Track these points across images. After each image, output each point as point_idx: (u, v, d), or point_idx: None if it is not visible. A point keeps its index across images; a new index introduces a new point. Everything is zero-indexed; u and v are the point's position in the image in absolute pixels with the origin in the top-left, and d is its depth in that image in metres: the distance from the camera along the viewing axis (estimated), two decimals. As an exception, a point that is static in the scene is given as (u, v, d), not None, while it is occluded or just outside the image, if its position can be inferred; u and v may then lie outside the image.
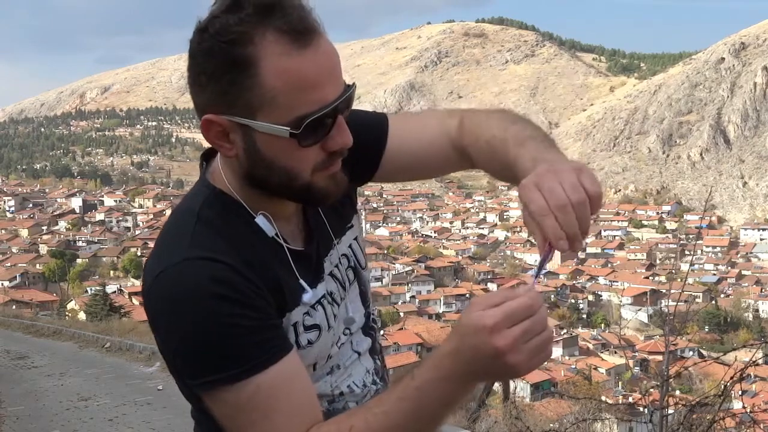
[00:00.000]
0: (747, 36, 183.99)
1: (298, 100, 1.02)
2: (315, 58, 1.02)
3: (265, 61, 1.00)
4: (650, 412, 3.62)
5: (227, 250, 1.06)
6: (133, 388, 8.49)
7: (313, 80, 1.03)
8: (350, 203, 1.31)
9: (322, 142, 1.06)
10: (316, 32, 1.03)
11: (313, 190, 1.10)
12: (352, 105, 1.11)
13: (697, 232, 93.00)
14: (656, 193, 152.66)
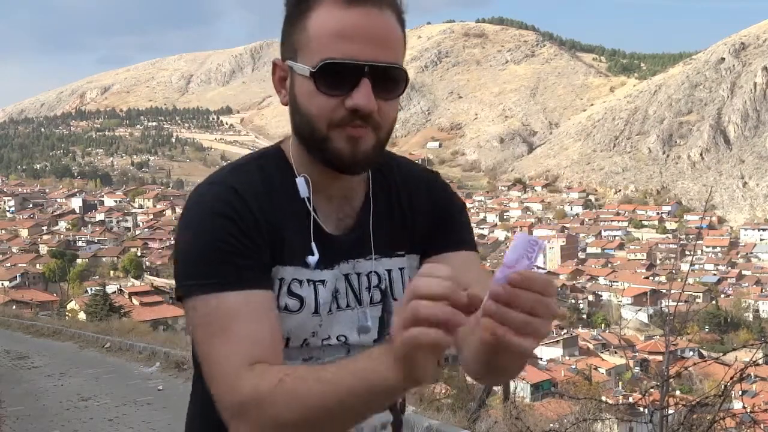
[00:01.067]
0: (747, 36, 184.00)
1: (328, 46, 1.09)
2: (359, 17, 1.10)
3: (317, 10, 1.11)
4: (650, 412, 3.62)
5: (249, 187, 1.17)
6: (133, 388, 8.49)
7: (346, 33, 1.09)
8: (409, 245, 1.29)
9: (343, 97, 1.10)
10: (375, 1, 1.11)
11: (329, 146, 1.13)
12: (392, 86, 1.14)
13: (697, 232, 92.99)
14: (656, 193, 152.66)
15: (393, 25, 1.14)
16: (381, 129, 1.15)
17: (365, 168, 1.19)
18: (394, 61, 1.13)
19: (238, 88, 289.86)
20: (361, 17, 1.10)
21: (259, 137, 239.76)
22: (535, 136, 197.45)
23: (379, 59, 1.11)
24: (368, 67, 1.10)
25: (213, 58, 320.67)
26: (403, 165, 1.33)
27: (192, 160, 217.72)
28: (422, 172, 1.35)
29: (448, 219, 1.29)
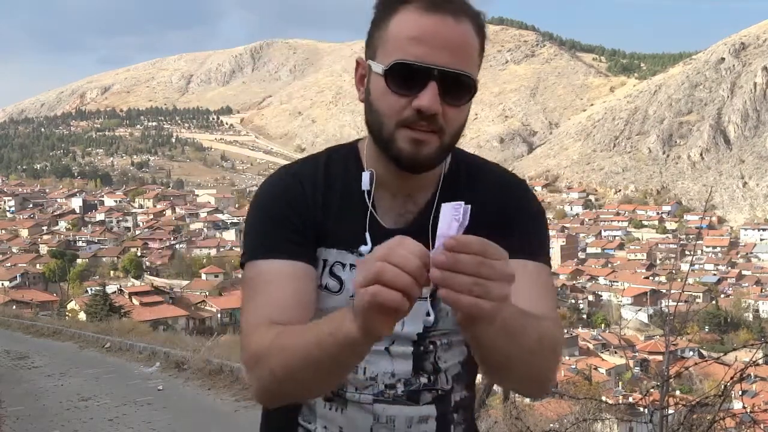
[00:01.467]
0: (747, 36, 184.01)
1: (402, 47, 1.16)
2: (434, 23, 1.16)
3: (399, 14, 1.18)
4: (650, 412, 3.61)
5: (309, 175, 1.30)
6: (133, 388, 8.48)
7: (421, 37, 1.15)
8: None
9: (411, 97, 1.16)
10: (454, 11, 1.17)
11: (394, 145, 1.20)
12: (459, 93, 1.18)
13: (697, 232, 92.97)
14: (656, 193, 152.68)
15: (469, 35, 1.18)
16: (445, 133, 1.20)
17: (426, 169, 1.24)
18: (463, 68, 1.17)
19: (238, 88, 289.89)
20: (437, 24, 1.16)
21: (259, 137, 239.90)
22: (535, 136, 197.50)
23: (448, 65, 1.15)
24: (437, 71, 1.15)
25: (213, 58, 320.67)
26: (482, 168, 1.35)
27: (192, 160, 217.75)
28: (500, 176, 1.35)
29: (512, 225, 1.28)
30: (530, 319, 1.12)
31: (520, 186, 1.36)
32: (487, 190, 1.32)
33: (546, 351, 1.16)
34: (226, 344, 13.63)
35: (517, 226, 1.29)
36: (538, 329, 1.13)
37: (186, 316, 57.31)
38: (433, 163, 1.23)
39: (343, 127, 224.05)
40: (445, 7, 1.17)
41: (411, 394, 1.29)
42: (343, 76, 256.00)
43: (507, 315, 1.02)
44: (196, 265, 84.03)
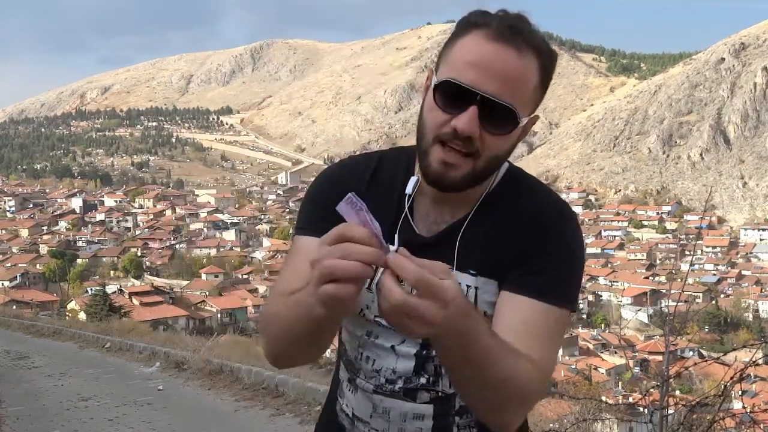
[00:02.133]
0: (747, 36, 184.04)
1: (458, 68, 1.22)
2: (493, 52, 1.21)
3: (468, 37, 1.24)
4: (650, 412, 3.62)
5: (356, 170, 1.41)
6: (133, 389, 8.48)
7: (476, 62, 1.21)
8: (487, 269, 1.32)
9: (452, 115, 1.21)
10: (518, 44, 1.21)
11: (427, 158, 1.26)
12: (500, 122, 1.22)
13: (697, 232, 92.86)
14: (656, 193, 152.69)
15: (525, 69, 1.22)
16: (480, 158, 1.24)
17: (451, 190, 1.27)
18: (507, 100, 1.20)
19: (238, 88, 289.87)
20: (497, 53, 1.20)
21: (259, 137, 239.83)
22: (535, 136, 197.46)
23: (494, 94, 1.19)
24: (480, 97, 1.19)
25: (213, 58, 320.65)
26: (528, 194, 1.35)
27: (192, 160, 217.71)
28: (540, 207, 1.34)
29: (532, 261, 1.29)
30: (500, 355, 1.14)
31: (556, 223, 1.33)
32: (523, 217, 1.32)
33: (508, 393, 1.17)
34: (226, 344, 13.63)
35: (535, 263, 1.29)
36: (507, 369, 1.15)
37: (186, 316, 57.32)
38: (459, 186, 1.26)
39: (343, 127, 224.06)
40: (511, 39, 1.21)
41: (408, 391, 1.35)
42: (343, 76, 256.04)
43: (460, 340, 1.07)
44: (196, 265, 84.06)
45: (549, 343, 1.28)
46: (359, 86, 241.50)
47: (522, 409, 1.25)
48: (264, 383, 7.50)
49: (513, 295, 1.28)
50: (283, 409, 6.64)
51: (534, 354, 1.22)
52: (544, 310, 1.27)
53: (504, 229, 1.32)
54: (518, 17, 1.25)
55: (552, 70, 1.28)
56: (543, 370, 1.24)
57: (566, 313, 1.31)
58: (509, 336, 1.20)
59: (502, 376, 1.15)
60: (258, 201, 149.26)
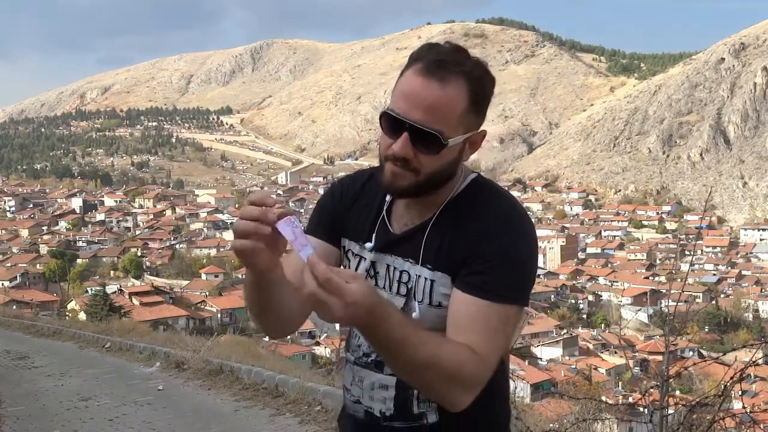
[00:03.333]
0: (747, 36, 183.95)
1: (395, 99, 1.46)
2: (419, 85, 1.44)
3: (408, 71, 1.48)
4: (650, 412, 3.62)
5: (352, 183, 1.71)
6: (133, 389, 8.48)
7: (407, 94, 1.45)
8: (442, 264, 1.54)
9: (393, 140, 1.47)
10: (442, 76, 1.43)
11: (382, 172, 1.53)
12: (428, 145, 1.45)
13: (697, 232, 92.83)
14: (656, 193, 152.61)
15: (449, 97, 1.43)
16: (419, 173, 1.48)
17: (402, 197, 1.56)
18: (432, 126, 1.43)
19: (238, 88, 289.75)
20: (421, 86, 1.43)
21: (259, 137, 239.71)
22: (535, 136, 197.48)
23: (419, 121, 1.43)
24: (408, 125, 1.44)
25: (213, 58, 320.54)
26: (486, 201, 1.55)
27: (192, 160, 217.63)
28: (495, 215, 1.52)
29: (475, 261, 1.48)
30: (417, 344, 1.36)
31: (499, 228, 1.50)
32: (477, 222, 1.52)
33: (435, 376, 1.39)
34: (226, 344, 13.63)
35: (477, 263, 1.48)
36: (427, 355, 1.36)
37: (186, 316, 57.30)
38: (406, 194, 1.53)
39: (343, 128, 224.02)
40: (435, 72, 1.43)
41: (377, 363, 1.61)
42: (343, 76, 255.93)
43: (368, 331, 1.34)
44: (196, 265, 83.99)
45: (489, 335, 1.45)
46: (359, 86, 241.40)
47: (460, 390, 1.42)
48: (264, 383, 7.49)
49: (458, 292, 1.49)
50: (283, 409, 6.63)
51: (474, 345, 1.43)
52: (484, 305, 1.46)
53: (457, 231, 1.52)
54: (452, 50, 1.46)
55: (485, 92, 1.49)
56: (483, 360, 1.43)
57: (508, 308, 1.47)
58: (455, 328, 1.46)
59: (423, 362, 1.37)
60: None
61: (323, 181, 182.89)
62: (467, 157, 1.54)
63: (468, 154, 1.54)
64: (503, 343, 1.50)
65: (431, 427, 1.58)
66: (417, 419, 1.58)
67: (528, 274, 1.52)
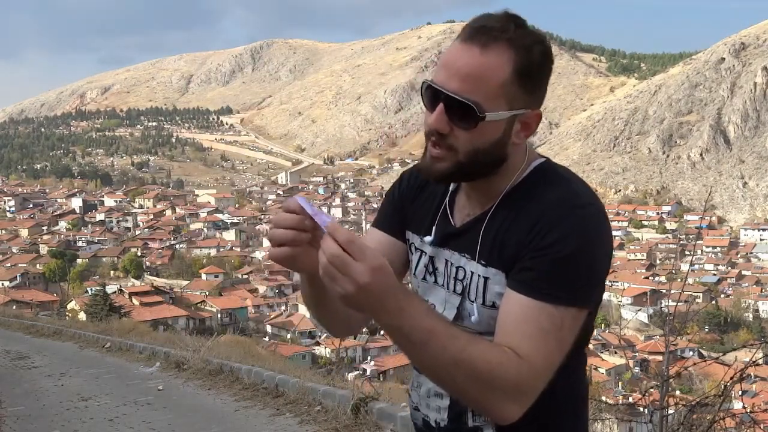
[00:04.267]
0: (747, 36, 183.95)
1: (437, 70, 1.35)
2: (459, 52, 1.31)
3: (453, 41, 1.36)
4: (650, 412, 3.62)
5: (417, 176, 1.56)
6: (133, 389, 8.48)
7: (445, 63, 1.32)
8: (496, 260, 1.39)
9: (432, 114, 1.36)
10: (484, 41, 1.30)
11: (424, 153, 1.40)
12: (463, 117, 1.31)
13: (697, 232, 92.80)
14: (656, 193, 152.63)
15: (488, 64, 1.29)
16: (457, 152, 1.33)
17: (440, 181, 1.43)
18: (468, 96, 1.29)
19: (238, 88, 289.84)
20: (460, 52, 1.30)
21: (259, 137, 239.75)
22: (535, 136, 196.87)
23: (455, 91, 1.29)
24: (443, 95, 1.31)
25: (213, 58, 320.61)
26: (545, 189, 1.38)
27: (192, 160, 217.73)
28: (552, 203, 1.35)
29: (527, 255, 1.32)
30: (447, 334, 1.23)
31: (561, 222, 1.32)
32: (532, 212, 1.35)
33: (466, 377, 1.24)
34: (226, 344, 13.63)
35: (529, 257, 1.32)
36: (459, 348, 1.23)
37: (186, 316, 57.30)
38: (445, 177, 1.38)
39: (343, 127, 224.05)
40: (476, 37, 1.30)
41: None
42: (342, 76, 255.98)
43: (406, 315, 1.21)
44: (196, 265, 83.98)
45: (538, 338, 1.29)
46: (359, 86, 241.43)
47: (502, 397, 1.27)
48: (264, 383, 7.50)
49: (509, 291, 1.34)
50: (283, 409, 6.63)
51: (519, 348, 1.27)
52: (534, 305, 1.30)
53: (513, 222, 1.37)
54: (501, 17, 1.32)
55: (536, 64, 1.32)
56: (529, 365, 1.27)
57: (563, 310, 1.30)
58: (501, 330, 1.31)
59: (452, 358, 1.23)
60: (258, 201, 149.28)
61: (323, 181, 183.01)
62: (521, 139, 1.38)
63: (521, 136, 1.38)
64: (556, 349, 1.31)
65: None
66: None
67: (588, 272, 1.32)
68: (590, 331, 1.44)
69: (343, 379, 7.70)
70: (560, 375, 1.35)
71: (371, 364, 44.08)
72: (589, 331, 1.44)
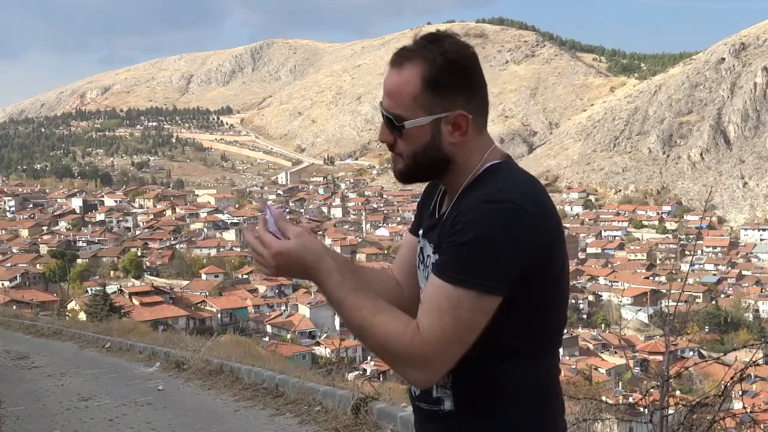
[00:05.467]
0: (747, 36, 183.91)
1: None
2: (388, 76, 1.59)
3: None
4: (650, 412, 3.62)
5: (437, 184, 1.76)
6: (133, 389, 8.48)
7: (383, 85, 1.60)
8: (441, 238, 1.60)
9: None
10: (397, 62, 1.57)
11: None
12: (393, 127, 1.59)
13: (697, 232, 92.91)
14: (656, 193, 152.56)
15: (401, 81, 1.55)
16: (402, 157, 1.60)
17: (401, 181, 1.67)
18: (391, 110, 1.56)
19: (238, 88, 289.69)
20: (388, 76, 1.58)
21: (259, 137, 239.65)
22: (535, 136, 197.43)
23: (384, 107, 1.58)
24: (382, 113, 1.59)
25: (213, 58, 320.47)
26: (479, 186, 1.57)
27: (192, 160, 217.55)
28: (477, 197, 1.53)
29: (445, 244, 1.53)
30: (354, 305, 1.50)
31: (471, 212, 1.50)
32: (461, 208, 1.55)
33: (370, 343, 1.50)
34: (226, 344, 13.63)
35: (444, 245, 1.53)
36: (362, 317, 1.49)
37: (186, 316, 57.28)
38: (403, 178, 1.64)
39: (343, 128, 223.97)
40: (396, 60, 1.57)
41: None
42: (343, 76, 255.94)
43: (325, 287, 1.52)
44: (196, 265, 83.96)
45: (434, 315, 1.48)
46: (359, 86, 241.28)
47: (402, 365, 1.50)
48: (264, 383, 7.50)
49: (431, 248, 1.65)
50: (283, 409, 6.63)
51: (420, 323, 1.49)
52: (438, 285, 1.50)
53: (450, 216, 1.59)
54: (423, 39, 1.57)
55: (445, 71, 1.53)
56: (423, 337, 1.47)
57: (460, 291, 1.47)
58: (420, 306, 1.55)
59: (357, 325, 1.50)
60: (258, 201, 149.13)
61: (323, 181, 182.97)
62: (456, 139, 1.57)
63: (454, 136, 1.57)
64: (451, 326, 1.47)
65: (446, 414, 1.60)
66: (436, 403, 1.61)
67: (483, 259, 1.46)
68: (541, 325, 1.58)
69: (343, 379, 7.70)
70: (506, 362, 1.55)
71: (371, 364, 43.98)
72: (541, 325, 1.59)
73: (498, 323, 1.51)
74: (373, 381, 7.37)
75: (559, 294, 1.59)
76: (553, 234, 1.54)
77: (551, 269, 1.55)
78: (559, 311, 1.61)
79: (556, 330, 1.62)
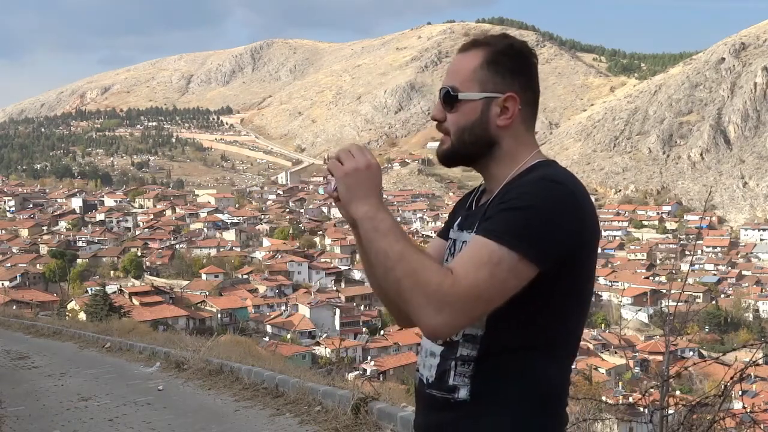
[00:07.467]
0: (747, 36, 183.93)
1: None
2: (453, 60, 1.70)
3: None
4: (650, 412, 3.62)
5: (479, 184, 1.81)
6: (133, 389, 8.48)
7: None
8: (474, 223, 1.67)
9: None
10: (465, 48, 1.68)
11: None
12: (447, 102, 1.66)
13: (697, 232, 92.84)
14: (656, 193, 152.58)
15: (467, 62, 1.65)
16: (450, 134, 1.66)
17: (446, 165, 1.72)
18: (451, 85, 1.65)
19: (238, 88, 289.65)
20: (453, 60, 1.70)
21: (259, 137, 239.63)
22: (536, 136, 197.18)
23: (444, 84, 1.67)
24: (440, 90, 1.67)
25: (213, 58, 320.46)
26: (533, 172, 1.62)
27: (192, 160, 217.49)
28: (538, 175, 1.60)
29: (494, 209, 1.58)
30: (402, 236, 1.52)
31: (527, 185, 1.57)
32: (516, 184, 1.61)
33: (401, 270, 1.48)
34: (226, 344, 13.63)
35: (493, 210, 1.58)
36: (404, 248, 1.50)
37: (186, 316, 57.29)
38: (446, 159, 1.70)
39: (343, 128, 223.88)
40: (465, 47, 1.69)
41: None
42: (343, 76, 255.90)
43: (361, 221, 1.56)
44: (196, 265, 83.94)
45: (471, 264, 1.49)
46: (359, 86, 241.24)
47: (424, 303, 1.47)
48: (264, 383, 7.50)
49: (470, 234, 1.65)
50: (283, 409, 6.63)
51: (455, 268, 1.50)
52: (481, 242, 1.52)
53: (496, 198, 1.63)
54: (493, 33, 1.71)
55: (504, 55, 1.64)
56: (456, 282, 1.47)
57: (504, 250, 1.49)
58: (456, 259, 1.59)
59: (398, 252, 1.49)
60: (258, 201, 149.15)
61: (323, 181, 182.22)
62: (503, 122, 1.64)
63: (501, 119, 1.64)
64: (486, 280, 1.48)
65: (459, 404, 1.60)
66: (450, 391, 1.61)
67: (536, 226, 1.50)
68: (566, 325, 1.61)
69: (343, 379, 7.71)
70: (530, 359, 1.57)
71: (371, 364, 44.06)
72: (566, 326, 1.61)
73: (525, 316, 1.55)
74: (373, 381, 7.37)
75: (585, 297, 1.62)
76: (593, 237, 1.60)
77: (583, 269, 1.59)
78: (582, 314, 1.64)
79: (575, 334, 1.64)
